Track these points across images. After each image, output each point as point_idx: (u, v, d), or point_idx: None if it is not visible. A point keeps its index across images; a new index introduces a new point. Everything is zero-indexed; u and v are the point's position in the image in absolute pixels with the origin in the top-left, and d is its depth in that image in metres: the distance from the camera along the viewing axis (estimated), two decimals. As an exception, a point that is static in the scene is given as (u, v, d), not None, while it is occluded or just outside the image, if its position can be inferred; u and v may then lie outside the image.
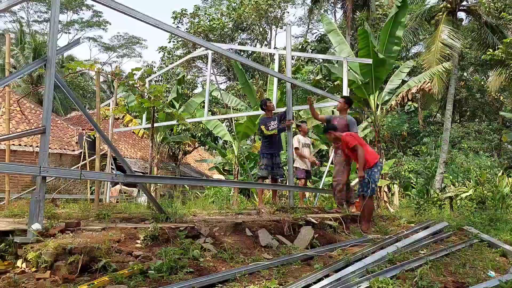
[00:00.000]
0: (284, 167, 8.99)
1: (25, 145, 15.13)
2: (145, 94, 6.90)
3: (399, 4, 11.57)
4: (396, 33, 11.86)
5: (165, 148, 20.60)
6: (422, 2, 20.26)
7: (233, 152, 17.13)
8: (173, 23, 28.07)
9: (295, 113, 17.02)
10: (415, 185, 16.23)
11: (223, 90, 21.48)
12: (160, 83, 23.28)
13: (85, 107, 27.29)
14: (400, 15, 11.68)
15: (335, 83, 17.20)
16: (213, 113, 20.51)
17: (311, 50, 22.61)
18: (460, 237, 5.64)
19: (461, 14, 19.71)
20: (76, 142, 16.92)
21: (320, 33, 23.48)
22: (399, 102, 13.04)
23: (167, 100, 16.86)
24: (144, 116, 12.34)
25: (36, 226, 3.60)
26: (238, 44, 29.31)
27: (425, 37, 23.02)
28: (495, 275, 3.85)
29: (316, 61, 23.53)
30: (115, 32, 68.41)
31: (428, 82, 13.06)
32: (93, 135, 9.77)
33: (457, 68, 18.29)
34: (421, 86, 12.89)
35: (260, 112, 8.41)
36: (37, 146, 13.50)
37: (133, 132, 20.00)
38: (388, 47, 11.99)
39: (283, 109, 8.40)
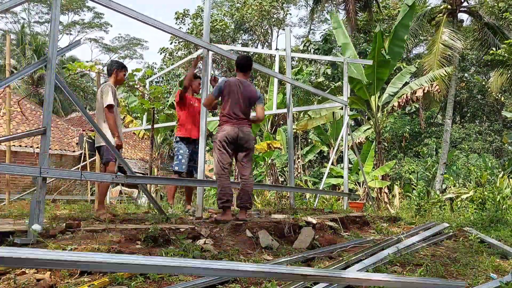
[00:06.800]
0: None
1: (25, 146, 15.15)
2: (146, 95, 6.92)
3: (407, 9, 11.72)
4: (401, 36, 12.02)
5: (165, 149, 20.60)
6: (423, 4, 20.27)
7: (233, 153, 17.11)
8: (176, 23, 28.15)
9: (295, 114, 17.02)
10: (415, 186, 16.25)
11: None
12: (161, 84, 23.29)
13: (86, 108, 27.32)
14: (406, 18, 11.83)
15: (336, 84, 17.17)
16: (213, 114, 20.50)
17: (313, 50, 22.56)
18: (461, 239, 5.63)
19: (462, 15, 19.73)
20: (77, 143, 16.94)
21: (325, 33, 23.41)
22: (402, 104, 13.12)
23: (167, 101, 16.88)
24: (145, 117, 12.36)
25: (37, 227, 3.60)
26: (240, 46, 29.36)
27: (426, 38, 23.00)
28: (496, 276, 3.84)
29: (318, 61, 23.51)
30: (116, 34, 68.75)
31: (436, 85, 13.18)
32: (94, 136, 9.79)
33: (458, 69, 18.28)
34: (427, 88, 13.01)
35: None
36: (37, 147, 13.51)
37: (133, 133, 20.02)
38: (392, 48, 12.09)
39: (283, 110, 8.37)
